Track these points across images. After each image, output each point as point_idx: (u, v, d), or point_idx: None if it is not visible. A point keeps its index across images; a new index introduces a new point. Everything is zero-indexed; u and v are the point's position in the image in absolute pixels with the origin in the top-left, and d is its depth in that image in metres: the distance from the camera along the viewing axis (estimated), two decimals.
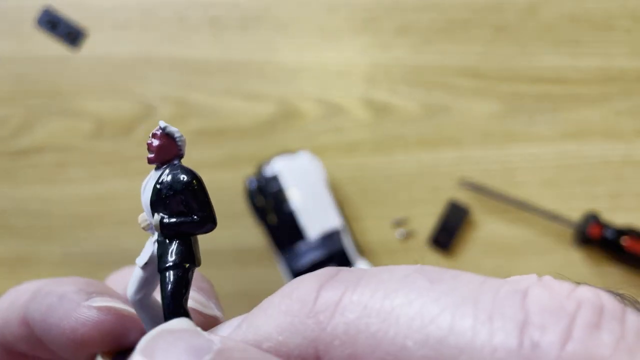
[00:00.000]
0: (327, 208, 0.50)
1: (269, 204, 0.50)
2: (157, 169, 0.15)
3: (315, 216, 0.50)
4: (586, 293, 0.11)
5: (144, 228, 0.16)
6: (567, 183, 0.56)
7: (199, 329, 0.13)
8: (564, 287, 0.11)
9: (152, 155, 0.15)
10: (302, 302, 0.12)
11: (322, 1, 0.58)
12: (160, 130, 0.15)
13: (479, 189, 0.54)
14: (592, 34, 0.57)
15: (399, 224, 0.55)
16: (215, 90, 0.57)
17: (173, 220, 0.15)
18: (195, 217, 0.15)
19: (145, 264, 0.15)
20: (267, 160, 0.52)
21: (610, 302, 0.11)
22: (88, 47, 0.57)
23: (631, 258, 0.52)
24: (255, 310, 0.13)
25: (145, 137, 0.56)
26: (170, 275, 0.14)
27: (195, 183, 0.15)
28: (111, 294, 0.18)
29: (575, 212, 0.54)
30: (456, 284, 0.11)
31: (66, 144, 0.56)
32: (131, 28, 0.57)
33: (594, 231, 0.52)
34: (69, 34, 0.57)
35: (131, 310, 0.17)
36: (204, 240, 0.16)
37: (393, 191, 0.56)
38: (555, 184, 0.56)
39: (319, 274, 0.13)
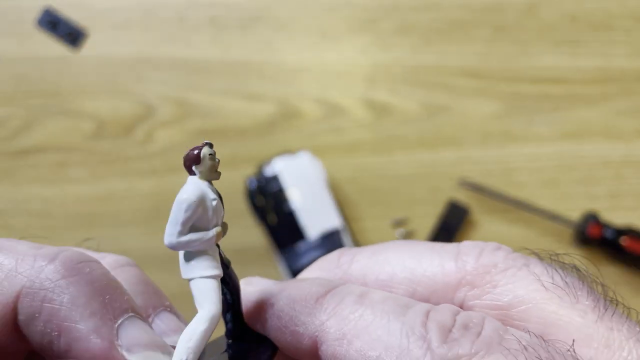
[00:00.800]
0: (327, 208, 0.50)
1: (269, 204, 0.50)
2: (210, 184, 0.16)
3: (315, 216, 0.50)
4: (491, 242, 0.19)
5: (218, 240, 0.16)
6: (567, 183, 0.56)
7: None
8: (480, 241, 0.19)
9: (220, 173, 0.16)
10: (329, 262, 0.20)
11: (322, 2, 0.58)
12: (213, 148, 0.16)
13: (478, 189, 0.54)
14: (591, 34, 0.58)
15: (398, 223, 0.55)
16: (215, 90, 0.57)
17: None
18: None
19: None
20: (268, 160, 0.52)
21: (505, 246, 0.18)
22: (88, 47, 0.57)
23: (630, 258, 0.52)
24: (296, 279, 0.19)
25: (145, 136, 0.56)
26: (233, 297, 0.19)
27: None
28: (138, 312, 0.17)
29: (574, 212, 0.54)
30: (420, 244, 0.19)
31: (66, 144, 0.56)
32: (131, 28, 0.58)
33: (593, 231, 0.52)
34: (69, 34, 0.57)
35: (162, 357, 0.17)
36: None
37: (393, 191, 0.56)
38: (554, 183, 0.56)
39: (334, 252, 0.20)
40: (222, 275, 0.17)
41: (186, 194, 0.15)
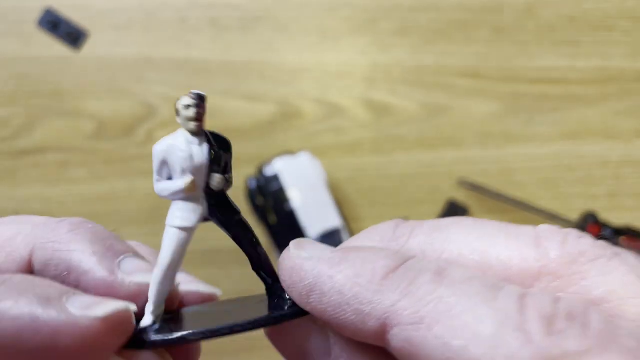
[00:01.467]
0: (327, 208, 0.50)
1: (269, 204, 0.50)
2: (195, 135, 0.16)
3: (315, 216, 0.50)
4: (573, 229, 0.17)
5: (189, 190, 0.16)
6: (566, 183, 0.56)
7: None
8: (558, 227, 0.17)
9: (200, 123, 0.16)
10: (383, 235, 0.17)
11: (322, 2, 0.58)
12: (201, 100, 0.16)
13: (478, 189, 0.55)
14: (590, 35, 0.58)
15: None
16: (216, 90, 0.57)
17: (228, 175, 0.16)
18: (229, 174, 0.17)
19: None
20: (268, 160, 0.52)
21: (586, 234, 0.16)
22: (89, 47, 0.58)
23: None
24: (345, 251, 0.17)
25: (146, 137, 0.56)
26: (263, 250, 0.18)
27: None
28: (138, 254, 0.19)
29: (573, 212, 0.54)
30: (490, 222, 0.16)
31: (67, 144, 0.57)
32: (132, 29, 0.58)
33: (592, 231, 0.52)
34: (70, 34, 0.57)
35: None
36: (204, 241, 0.17)
37: (392, 191, 0.56)
38: (554, 184, 0.56)
39: (389, 222, 0.18)
40: (192, 226, 0.16)
41: (156, 145, 0.16)
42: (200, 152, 0.16)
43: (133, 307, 0.17)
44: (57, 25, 0.57)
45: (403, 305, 0.14)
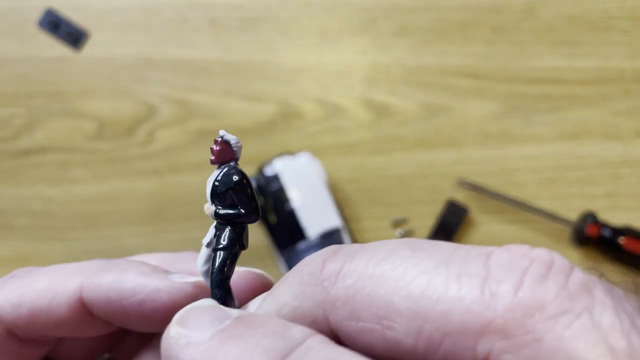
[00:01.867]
0: (327, 208, 0.50)
1: (270, 204, 0.50)
2: (217, 168, 0.19)
3: (315, 216, 0.50)
4: (540, 252, 0.13)
5: (208, 215, 0.19)
6: (565, 183, 0.56)
7: (221, 306, 0.17)
8: (522, 248, 0.14)
9: (213, 158, 0.18)
10: (310, 274, 0.15)
11: (322, 2, 0.58)
12: (220, 138, 0.18)
13: (477, 189, 0.55)
14: (590, 35, 0.58)
15: (398, 223, 0.56)
16: (216, 90, 0.57)
17: (224, 211, 0.18)
18: (242, 210, 0.18)
19: (208, 243, 0.19)
20: (268, 160, 0.52)
21: (560, 260, 0.13)
22: (90, 48, 0.58)
23: (629, 257, 0.52)
24: (276, 285, 0.17)
25: (147, 137, 0.56)
26: (220, 254, 0.18)
27: (245, 182, 0.18)
28: (182, 271, 0.21)
29: (573, 212, 0.54)
30: (433, 252, 0.14)
31: (68, 144, 0.57)
32: (132, 29, 0.58)
33: (591, 231, 0.52)
34: (71, 34, 0.57)
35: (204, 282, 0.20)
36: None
37: (392, 191, 0.56)
38: (553, 184, 0.56)
39: (324, 251, 0.16)
40: (207, 244, 0.19)
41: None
42: (209, 183, 0.19)
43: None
44: (57, 26, 0.57)
45: None
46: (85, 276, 0.19)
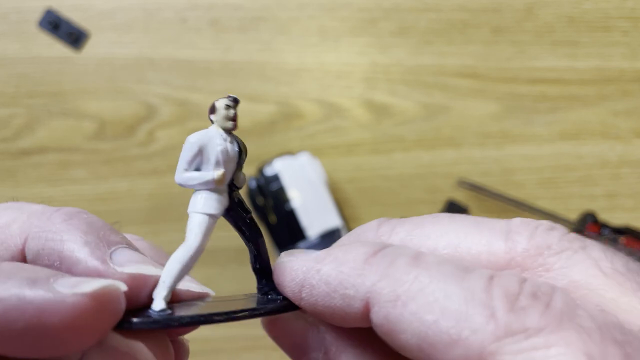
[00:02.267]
0: (327, 208, 0.51)
1: (270, 204, 0.50)
2: (228, 133, 0.17)
3: (315, 215, 0.50)
4: (544, 221, 0.17)
5: (219, 182, 0.17)
6: (565, 183, 0.56)
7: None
8: (531, 219, 0.17)
9: (236, 123, 0.18)
10: (368, 231, 0.18)
11: (321, 3, 0.58)
12: (237, 103, 0.18)
13: (477, 189, 0.55)
14: (589, 35, 0.58)
15: None
16: (216, 90, 0.57)
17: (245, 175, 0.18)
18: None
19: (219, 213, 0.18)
20: (268, 160, 0.52)
21: (559, 225, 0.17)
22: (90, 48, 0.58)
23: None
24: (336, 246, 0.18)
25: (147, 137, 0.56)
26: (261, 243, 0.19)
27: None
28: (132, 246, 0.19)
29: (572, 212, 0.54)
30: (465, 218, 0.18)
31: (68, 144, 0.57)
32: (132, 29, 0.58)
33: (591, 231, 0.52)
34: (71, 35, 0.57)
35: (154, 269, 0.18)
36: None
37: (392, 191, 0.56)
38: (552, 184, 0.56)
39: (375, 221, 0.19)
40: (218, 215, 0.17)
41: (191, 136, 0.17)
42: (232, 148, 0.17)
43: (122, 287, 0.16)
44: (57, 26, 0.58)
45: (382, 285, 0.15)
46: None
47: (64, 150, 0.57)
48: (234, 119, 0.17)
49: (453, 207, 0.55)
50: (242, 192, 0.54)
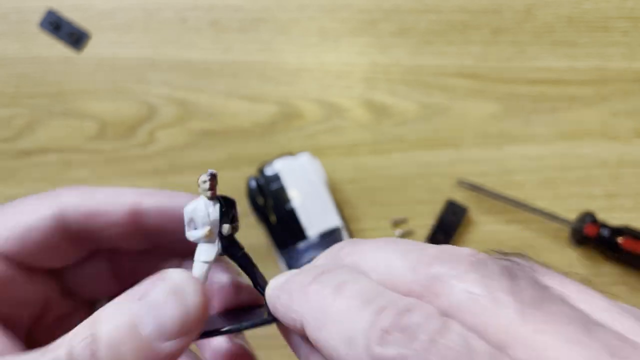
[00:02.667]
0: (327, 208, 0.51)
1: (270, 204, 0.51)
2: (211, 199, 0.22)
3: (315, 215, 0.50)
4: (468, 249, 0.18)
5: (207, 237, 0.22)
6: (564, 183, 0.56)
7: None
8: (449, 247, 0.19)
9: (213, 192, 0.22)
10: (332, 253, 0.21)
11: (321, 3, 0.58)
12: (213, 177, 0.22)
13: (477, 189, 0.55)
14: (589, 36, 0.58)
15: (397, 223, 0.56)
16: (217, 91, 0.58)
17: (235, 224, 0.23)
18: (236, 222, 0.23)
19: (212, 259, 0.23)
20: (268, 160, 0.52)
21: (472, 252, 0.18)
22: (90, 48, 0.58)
23: (627, 257, 0.52)
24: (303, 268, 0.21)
25: (147, 137, 0.57)
26: (260, 272, 0.25)
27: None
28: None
29: (572, 212, 0.54)
30: (403, 244, 0.19)
31: (69, 144, 0.57)
32: (133, 30, 0.58)
33: (590, 231, 0.52)
34: (72, 35, 0.58)
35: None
36: None
37: (392, 191, 0.56)
38: (552, 184, 0.56)
39: (341, 243, 0.21)
40: (210, 260, 0.22)
41: (185, 207, 0.22)
42: (214, 211, 0.22)
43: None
44: (58, 26, 0.58)
45: (309, 313, 0.18)
46: (140, 194, 0.23)
47: (64, 150, 0.57)
48: (210, 189, 0.22)
49: (453, 207, 0.55)
50: (242, 193, 0.54)
